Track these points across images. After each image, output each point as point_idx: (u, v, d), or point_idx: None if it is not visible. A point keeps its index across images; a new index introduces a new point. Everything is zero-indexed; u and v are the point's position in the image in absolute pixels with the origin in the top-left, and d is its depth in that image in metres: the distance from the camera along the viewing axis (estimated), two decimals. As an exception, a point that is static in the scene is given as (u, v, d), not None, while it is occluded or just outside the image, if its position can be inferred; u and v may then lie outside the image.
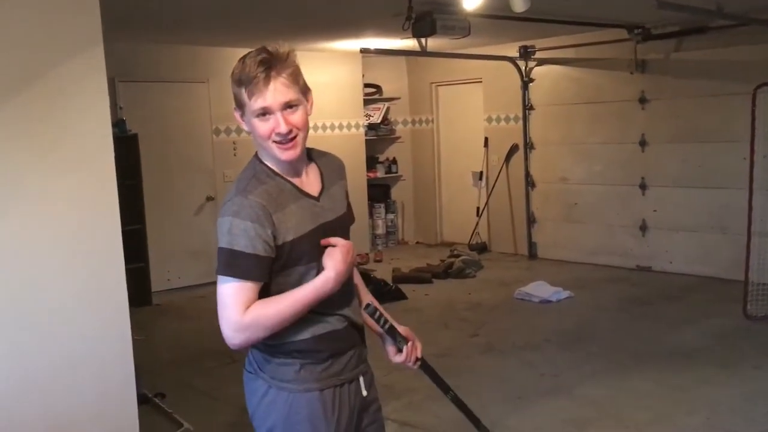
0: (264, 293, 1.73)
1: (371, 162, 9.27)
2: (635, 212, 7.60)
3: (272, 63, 1.70)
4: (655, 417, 4.03)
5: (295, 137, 1.74)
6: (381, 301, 6.96)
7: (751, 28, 6.22)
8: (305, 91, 1.78)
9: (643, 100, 7.41)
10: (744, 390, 4.33)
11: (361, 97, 8.86)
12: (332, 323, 1.82)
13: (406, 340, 1.97)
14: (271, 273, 1.73)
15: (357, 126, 8.78)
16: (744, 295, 5.69)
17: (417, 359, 1.99)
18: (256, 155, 1.84)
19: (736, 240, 5.98)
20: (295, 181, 1.82)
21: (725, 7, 5.69)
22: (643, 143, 7.47)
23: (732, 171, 6.58)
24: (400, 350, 1.96)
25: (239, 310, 1.68)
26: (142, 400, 4.09)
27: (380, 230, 9.38)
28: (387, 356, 2.01)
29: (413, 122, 9.67)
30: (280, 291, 1.74)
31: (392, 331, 1.94)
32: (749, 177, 5.71)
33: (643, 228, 7.56)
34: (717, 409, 4.09)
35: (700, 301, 6.35)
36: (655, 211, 7.46)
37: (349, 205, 1.95)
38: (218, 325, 1.74)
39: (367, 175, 9.04)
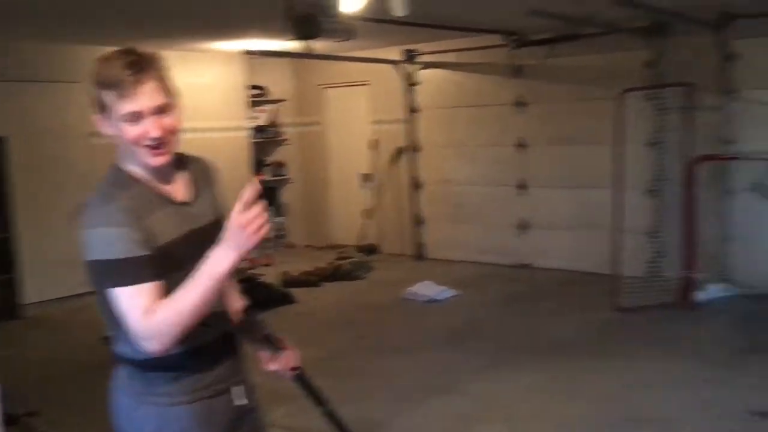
0: None
1: (258, 165, 9.13)
2: (515, 212, 7.89)
3: (142, 65, 1.65)
4: (539, 409, 4.19)
5: (166, 142, 1.70)
6: (269, 306, 6.82)
7: (618, 36, 6.59)
8: (174, 94, 1.74)
9: (520, 104, 7.71)
10: (619, 379, 4.58)
11: (245, 99, 8.71)
12: (204, 334, 1.76)
13: (282, 348, 1.94)
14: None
15: (241, 128, 8.61)
16: (616, 289, 6.02)
17: (292, 369, 1.97)
18: (114, 163, 1.77)
19: (608, 237, 6.33)
20: (163, 187, 1.77)
21: (595, 15, 6.00)
22: (521, 145, 7.77)
23: (602, 171, 6.92)
24: (275, 358, 1.93)
25: (143, 317, 1.60)
26: (10, 420, 3.84)
27: (269, 234, 9.24)
28: (261, 364, 1.97)
29: (301, 124, 9.61)
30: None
31: (268, 339, 1.91)
32: (617, 177, 6.06)
33: (523, 227, 7.86)
34: (595, 399, 4.30)
35: (577, 295, 6.67)
36: (533, 210, 7.78)
37: (222, 210, 1.91)
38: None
39: (254, 178, 8.89)
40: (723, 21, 6.29)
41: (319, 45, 6.30)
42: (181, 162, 1.84)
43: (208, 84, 7.99)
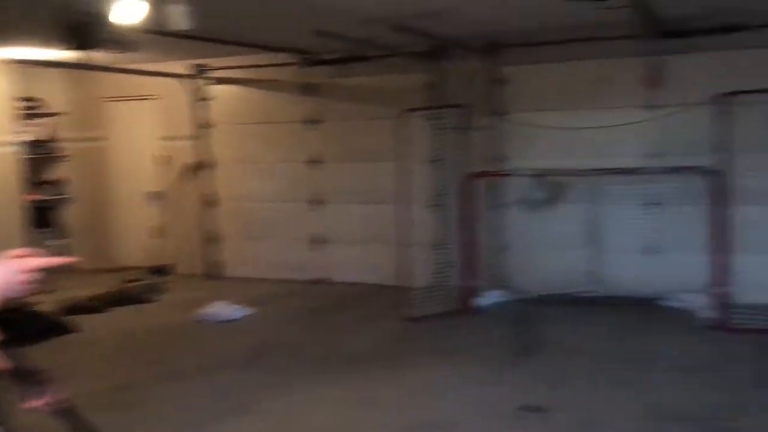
0: None
1: (34, 183, 8.38)
2: (312, 227, 7.99)
3: None
4: (332, 422, 4.26)
5: None
6: (45, 337, 6.22)
7: (400, 59, 6.95)
8: None
9: (312, 122, 7.84)
10: (408, 387, 4.78)
11: (14, 112, 7.95)
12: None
13: (44, 381, 1.80)
14: None
15: (8, 143, 7.84)
16: (405, 300, 6.31)
17: (57, 403, 1.83)
18: None
19: (399, 250, 6.62)
20: None
21: (377, 39, 6.28)
22: (315, 162, 7.90)
23: (390, 187, 7.24)
24: (37, 394, 1.78)
25: None
26: None
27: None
28: (22, 401, 1.82)
29: (83, 140, 8.98)
30: None
31: (28, 373, 1.77)
32: (401, 193, 6.37)
33: (320, 242, 7.98)
34: (386, 407, 4.45)
35: (370, 308, 6.89)
36: (327, 226, 7.93)
37: None
38: None
39: (29, 198, 8.14)
40: (492, 49, 6.88)
41: (100, 56, 5.96)
42: None
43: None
